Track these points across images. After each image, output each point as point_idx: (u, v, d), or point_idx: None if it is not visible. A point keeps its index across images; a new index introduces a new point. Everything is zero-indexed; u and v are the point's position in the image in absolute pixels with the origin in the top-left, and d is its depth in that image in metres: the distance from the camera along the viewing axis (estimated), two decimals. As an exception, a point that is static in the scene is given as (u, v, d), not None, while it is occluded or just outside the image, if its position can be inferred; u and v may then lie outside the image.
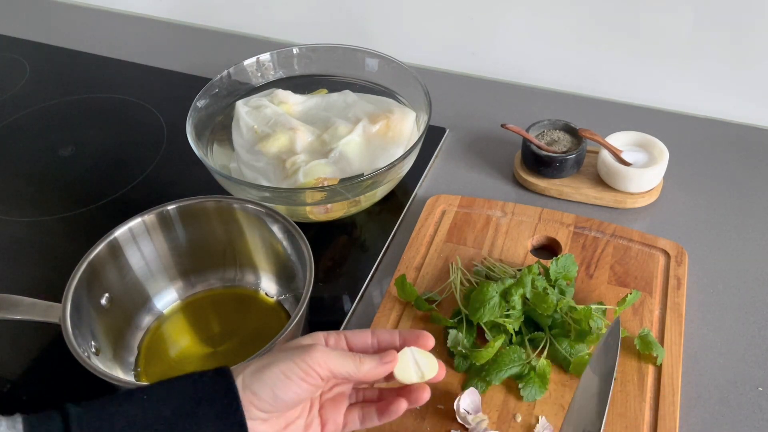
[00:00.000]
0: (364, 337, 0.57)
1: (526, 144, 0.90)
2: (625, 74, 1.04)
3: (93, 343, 0.67)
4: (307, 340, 0.55)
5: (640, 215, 0.87)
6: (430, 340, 0.57)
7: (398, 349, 0.56)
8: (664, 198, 0.89)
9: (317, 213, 0.84)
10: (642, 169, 0.86)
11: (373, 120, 0.91)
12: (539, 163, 0.89)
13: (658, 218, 0.87)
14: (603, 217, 0.86)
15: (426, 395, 0.56)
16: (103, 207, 0.94)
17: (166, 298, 0.78)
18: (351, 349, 0.57)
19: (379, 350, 0.57)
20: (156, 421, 0.49)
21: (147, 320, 0.77)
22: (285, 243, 0.74)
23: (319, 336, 0.56)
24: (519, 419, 0.65)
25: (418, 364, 0.56)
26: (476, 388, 0.66)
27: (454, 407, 0.64)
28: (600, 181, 0.90)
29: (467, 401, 0.65)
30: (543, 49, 1.07)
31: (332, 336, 0.57)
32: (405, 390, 0.57)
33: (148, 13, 1.35)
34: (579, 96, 1.07)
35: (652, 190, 0.88)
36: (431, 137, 0.99)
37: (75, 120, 1.11)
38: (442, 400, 0.67)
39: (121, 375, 0.69)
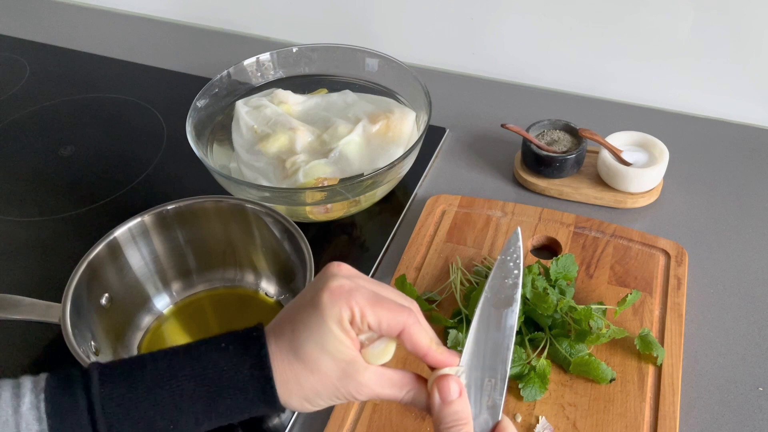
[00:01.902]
0: (395, 325, 0.48)
1: (526, 144, 0.90)
2: (625, 74, 1.04)
3: (93, 343, 0.67)
4: (335, 324, 0.46)
5: (640, 215, 0.87)
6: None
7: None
8: (664, 198, 0.89)
9: (317, 213, 0.84)
10: (642, 169, 0.86)
11: (373, 120, 0.91)
12: (539, 163, 0.89)
13: (658, 218, 0.87)
14: (603, 217, 0.86)
15: None
16: (103, 207, 0.94)
17: (166, 298, 0.78)
18: (372, 328, 0.48)
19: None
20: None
21: (147, 320, 0.77)
22: (285, 243, 0.74)
23: (344, 310, 0.47)
24: (519, 419, 0.65)
25: None
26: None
27: None
28: (600, 181, 0.90)
29: None
30: (543, 49, 1.07)
31: (357, 304, 0.47)
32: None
33: (148, 13, 1.35)
34: (579, 96, 1.07)
35: (652, 190, 0.88)
36: (431, 137, 0.99)
37: (75, 120, 1.11)
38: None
39: (121, 375, 0.69)
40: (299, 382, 0.48)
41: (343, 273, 0.49)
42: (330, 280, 0.48)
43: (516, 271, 0.51)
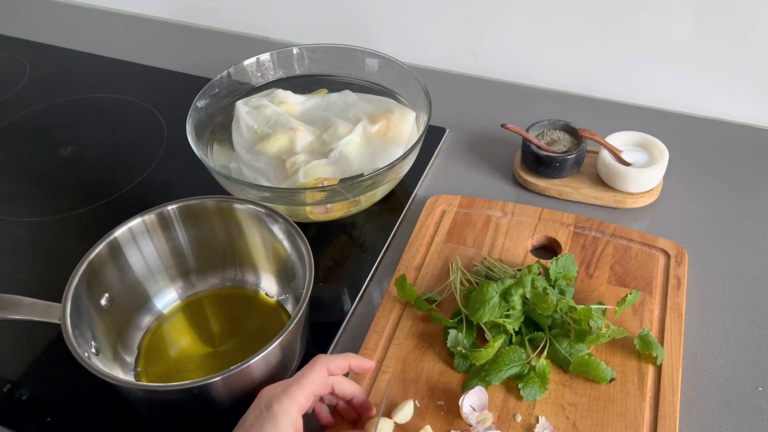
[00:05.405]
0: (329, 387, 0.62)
1: (526, 144, 0.90)
2: (625, 74, 1.04)
3: (93, 343, 0.67)
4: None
5: (640, 215, 0.87)
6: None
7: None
8: (664, 198, 0.89)
9: (317, 213, 0.84)
10: (642, 169, 0.86)
11: (373, 120, 0.91)
12: (539, 163, 0.89)
13: (658, 218, 0.87)
14: (603, 217, 0.86)
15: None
16: (103, 207, 0.94)
17: (166, 298, 0.78)
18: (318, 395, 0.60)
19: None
20: None
21: (147, 320, 0.77)
22: (285, 243, 0.74)
23: (293, 408, 0.57)
24: (519, 419, 0.65)
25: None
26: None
27: (459, 404, 0.64)
28: (600, 181, 0.90)
29: (473, 398, 0.65)
30: (543, 49, 1.07)
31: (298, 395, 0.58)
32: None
33: (148, 13, 1.35)
34: (579, 96, 1.07)
35: (652, 190, 0.88)
36: (431, 137, 0.99)
37: (75, 120, 1.11)
38: (443, 400, 0.67)
39: (121, 375, 0.69)
40: None
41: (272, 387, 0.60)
42: (268, 397, 0.57)
43: None
